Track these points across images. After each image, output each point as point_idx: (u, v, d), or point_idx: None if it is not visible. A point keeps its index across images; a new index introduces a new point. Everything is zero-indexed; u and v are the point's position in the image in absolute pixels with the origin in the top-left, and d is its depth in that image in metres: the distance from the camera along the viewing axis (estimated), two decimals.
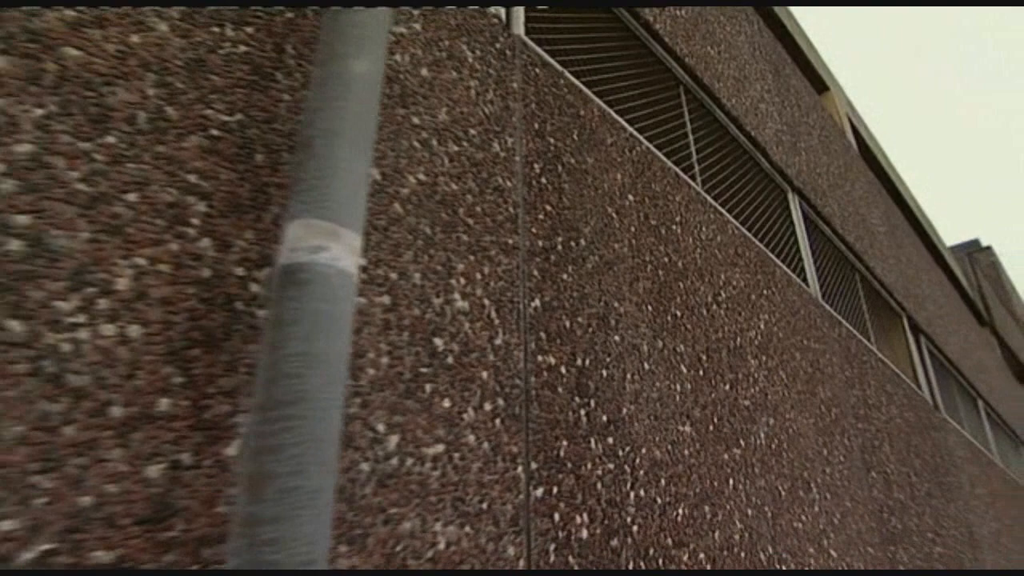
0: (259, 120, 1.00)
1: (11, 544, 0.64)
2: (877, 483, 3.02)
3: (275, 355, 0.71)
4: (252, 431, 0.69)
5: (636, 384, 1.62)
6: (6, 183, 0.73)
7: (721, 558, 1.69)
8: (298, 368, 0.71)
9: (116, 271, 0.78)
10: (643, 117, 2.35)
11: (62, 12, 0.83)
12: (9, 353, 0.68)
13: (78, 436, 0.70)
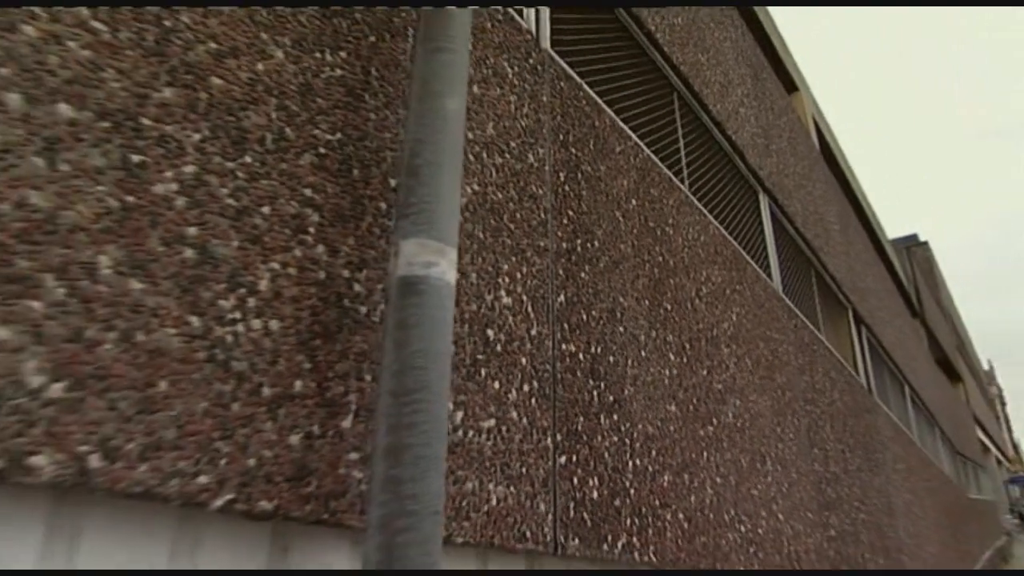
0: (354, 138, 1.15)
1: (206, 494, 0.81)
2: (818, 458, 3.42)
3: (402, 352, 0.90)
4: (387, 412, 0.88)
5: (635, 369, 1.86)
6: (179, 200, 0.87)
7: (695, 517, 1.98)
8: (422, 363, 0.89)
9: (258, 274, 0.94)
10: (644, 124, 2.55)
11: (208, 44, 0.96)
12: (192, 343, 0.84)
13: (242, 411, 0.87)
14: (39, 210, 0.74)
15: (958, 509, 9.61)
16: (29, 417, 0.68)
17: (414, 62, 1.13)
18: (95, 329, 0.75)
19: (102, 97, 0.82)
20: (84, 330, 0.74)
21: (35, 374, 0.70)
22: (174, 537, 0.84)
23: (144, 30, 0.88)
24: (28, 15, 0.77)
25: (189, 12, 0.94)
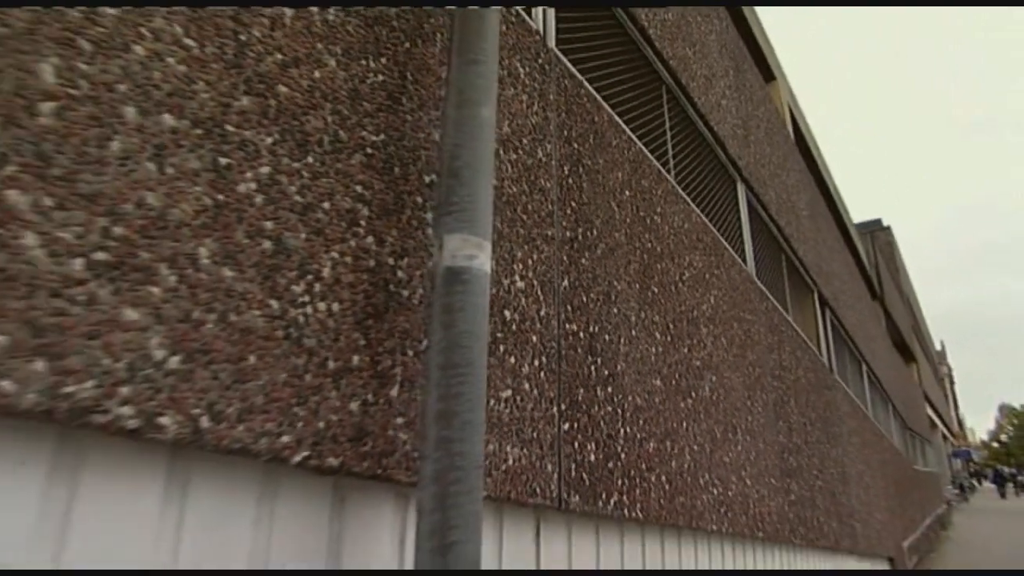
0: (394, 138, 1.28)
1: (288, 451, 0.96)
2: (783, 430, 3.70)
3: (449, 332, 1.05)
4: (437, 383, 1.03)
5: (626, 347, 2.05)
6: (258, 197, 1.00)
7: (675, 480, 2.20)
8: (467, 342, 1.04)
9: (322, 262, 1.07)
10: (636, 118, 2.70)
11: (275, 56, 1.07)
12: (273, 323, 0.98)
13: (313, 382, 1.02)
14: (153, 208, 0.86)
15: (905, 480, 10.27)
16: (155, 385, 0.82)
17: (449, 71, 1.26)
18: (199, 311, 0.88)
19: (195, 107, 0.94)
20: (191, 312, 0.88)
21: (158, 349, 0.83)
22: (259, 489, 0.99)
23: (224, 44, 0.99)
24: (136, 35, 0.88)
25: (259, 26, 1.05)
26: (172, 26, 0.93)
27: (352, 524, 1.12)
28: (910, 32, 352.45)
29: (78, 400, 0.75)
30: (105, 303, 0.79)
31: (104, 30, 0.84)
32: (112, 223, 0.81)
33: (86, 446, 0.81)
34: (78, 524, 0.79)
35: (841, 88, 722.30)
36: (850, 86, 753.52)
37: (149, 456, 0.87)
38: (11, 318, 0.71)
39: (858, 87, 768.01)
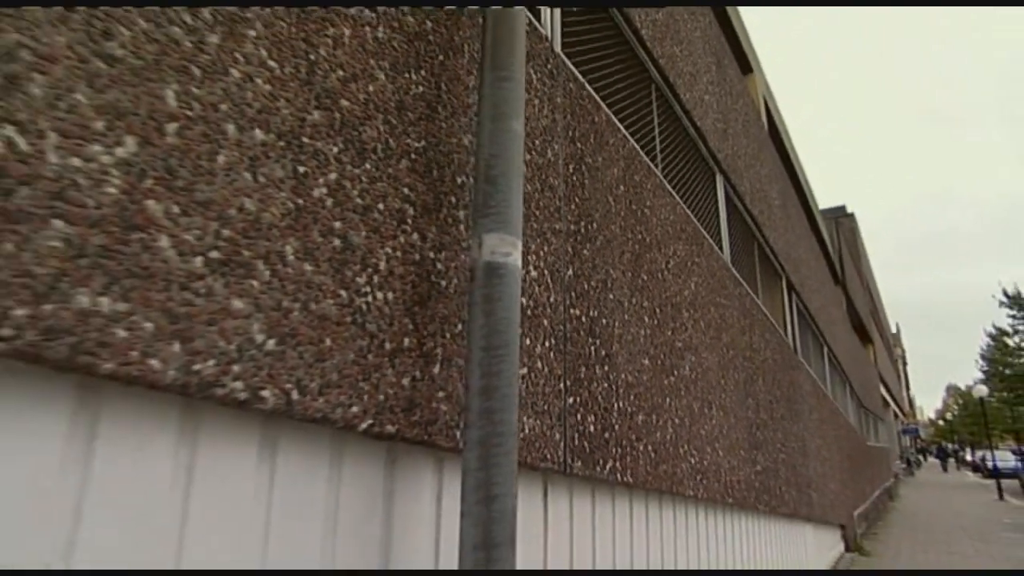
0: (432, 144, 1.43)
1: (356, 420, 1.12)
2: (751, 407, 4.00)
3: (490, 319, 1.22)
4: (480, 362, 1.21)
5: (620, 330, 2.25)
6: (328, 200, 1.14)
7: (660, 449, 2.44)
8: (504, 327, 1.22)
9: (379, 257, 1.23)
10: (629, 116, 2.87)
11: (338, 72, 1.21)
12: (343, 311, 1.13)
13: (374, 361, 1.18)
14: (251, 213, 1.00)
15: (858, 454, 10.93)
16: (258, 363, 0.97)
17: (482, 86, 1.41)
18: (287, 301, 1.04)
19: (279, 122, 1.07)
20: (282, 301, 1.03)
21: (259, 333, 0.98)
22: (330, 453, 1.16)
23: (299, 64, 1.13)
24: (232, 59, 1.01)
25: (324, 46, 1.19)
26: (259, 50, 1.06)
27: (400, 483, 1.30)
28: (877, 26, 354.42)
29: (204, 376, 0.90)
30: (219, 294, 0.94)
31: (209, 57, 0.98)
32: (221, 226, 0.95)
33: (202, 416, 0.97)
34: (199, 481, 0.95)
35: (810, 77, 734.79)
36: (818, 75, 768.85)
37: (246, 425, 1.03)
38: (154, 307, 0.85)
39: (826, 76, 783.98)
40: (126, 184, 0.84)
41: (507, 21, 1.43)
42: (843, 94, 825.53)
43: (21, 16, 0.77)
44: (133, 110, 0.87)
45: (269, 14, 1.08)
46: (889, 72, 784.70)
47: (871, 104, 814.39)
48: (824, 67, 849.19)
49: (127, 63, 0.87)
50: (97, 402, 0.85)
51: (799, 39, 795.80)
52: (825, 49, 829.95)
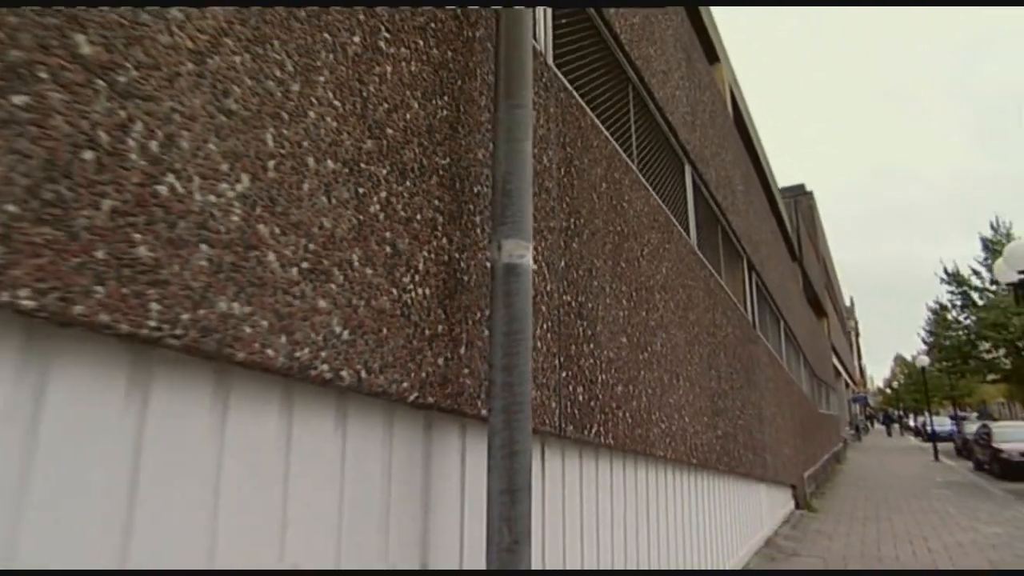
0: (455, 160, 1.68)
1: (406, 393, 1.40)
2: (714, 377, 4.40)
3: (510, 309, 1.50)
4: (502, 344, 1.49)
5: (603, 312, 2.56)
6: (381, 215, 1.39)
7: (635, 416, 2.78)
8: (521, 316, 1.50)
9: (419, 259, 1.49)
10: (608, 117, 3.14)
11: (384, 105, 1.44)
12: (394, 305, 1.40)
13: (418, 345, 1.45)
14: (327, 229, 1.25)
15: (810, 421, 11.71)
16: (338, 350, 1.24)
17: (497, 112, 1.66)
18: (355, 299, 1.30)
19: (343, 152, 1.32)
20: (352, 299, 1.29)
21: (337, 326, 1.24)
22: (383, 420, 1.44)
23: (356, 101, 1.36)
24: (308, 102, 1.24)
25: (372, 82, 1.42)
26: (327, 92, 1.29)
27: (436, 444, 1.59)
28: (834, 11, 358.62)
29: (302, 361, 1.16)
30: (309, 296, 1.19)
31: (293, 103, 1.21)
32: (308, 241, 1.20)
33: (294, 394, 1.23)
34: (295, 442, 1.22)
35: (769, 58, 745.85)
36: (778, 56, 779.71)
37: (325, 399, 1.29)
38: (267, 308, 1.10)
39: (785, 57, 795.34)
40: (244, 213, 1.08)
41: (518, 54, 1.68)
42: (802, 73, 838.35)
43: (170, 84, 0.99)
44: (245, 153, 1.10)
45: (332, 61, 1.32)
46: (846, 52, 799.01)
47: (828, 82, 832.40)
48: (783, 48, 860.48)
49: (240, 115, 1.10)
50: (229, 383, 1.11)
51: (758, 23, 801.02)
52: (784, 32, 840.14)
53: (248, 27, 1.13)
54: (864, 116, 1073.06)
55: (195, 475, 1.04)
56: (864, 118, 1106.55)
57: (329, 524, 1.28)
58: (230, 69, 1.09)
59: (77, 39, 0.88)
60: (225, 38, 1.09)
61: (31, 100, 0.82)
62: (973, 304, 16.76)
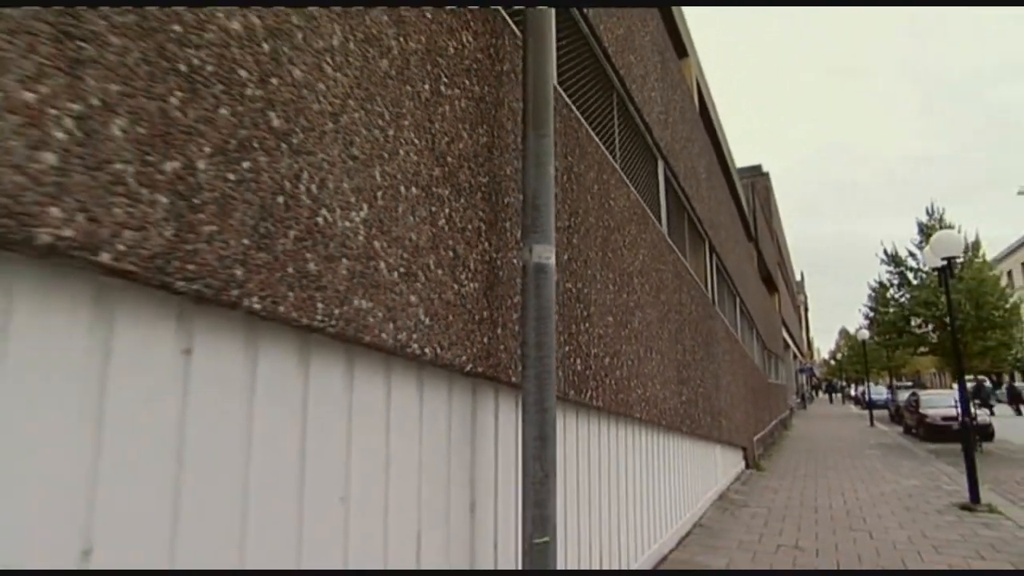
0: (492, 178, 2.07)
1: (464, 364, 1.82)
2: (679, 351, 4.96)
3: (539, 299, 1.93)
4: (534, 328, 1.92)
5: (595, 296, 3.02)
6: (446, 226, 1.79)
7: (619, 383, 3.28)
8: (547, 304, 1.93)
9: (470, 261, 1.90)
10: (597, 123, 3.55)
11: (445, 138, 1.83)
12: (456, 298, 1.81)
13: (470, 327, 1.87)
14: (414, 241, 1.64)
15: (761, 389, 12.65)
16: (423, 333, 1.64)
17: (526, 140, 2.05)
18: (432, 294, 1.70)
19: (421, 180, 1.70)
20: (430, 295, 1.69)
21: (423, 316, 1.65)
22: (446, 385, 1.86)
23: (427, 137, 1.74)
24: (399, 143, 1.62)
25: (438, 120, 1.80)
26: (410, 133, 1.67)
27: (479, 405, 2.02)
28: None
29: (402, 342, 1.57)
30: (404, 294, 1.59)
31: (391, 144, 1.59)
32: (402, 251, 1.60)
33: (393, 367, 1.64)
34: (394, 406, 1.63)
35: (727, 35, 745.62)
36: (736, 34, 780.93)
37: (409, 370, 1.71)
38: (381, 304, 1.50)
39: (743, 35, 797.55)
40: (365, 233, 1.47)
41: (543, 92, 2.07)
42: (756, 50, 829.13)
43: (320, 140, 1.37)
44: (364, 187, 1.48)
45: (412, 107, 1.69)
46: (801, 30, 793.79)
47: (781, 59, 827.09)
48: (739, 27, 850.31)
49: (360, 158, 1.48)
50: (353, 360, 1.51)
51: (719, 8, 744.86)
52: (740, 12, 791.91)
53: (362, 88, 1.50)
54: (816, 93, 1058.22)
55: (335, 431, 1.45)
56: (816, 95, 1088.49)
57: (413, 461, 1.71)
58: (352, 124, 1.47)
59: (270, 115, 1.25)
60: (349, 100, 1.46)
61: (251, 164, 1.19)
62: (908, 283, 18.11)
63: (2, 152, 0.83)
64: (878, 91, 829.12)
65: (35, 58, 0.88)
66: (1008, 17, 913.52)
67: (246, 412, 1.23)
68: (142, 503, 1.03)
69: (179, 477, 1.09)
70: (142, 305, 1.06)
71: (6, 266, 0.90)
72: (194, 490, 1.11)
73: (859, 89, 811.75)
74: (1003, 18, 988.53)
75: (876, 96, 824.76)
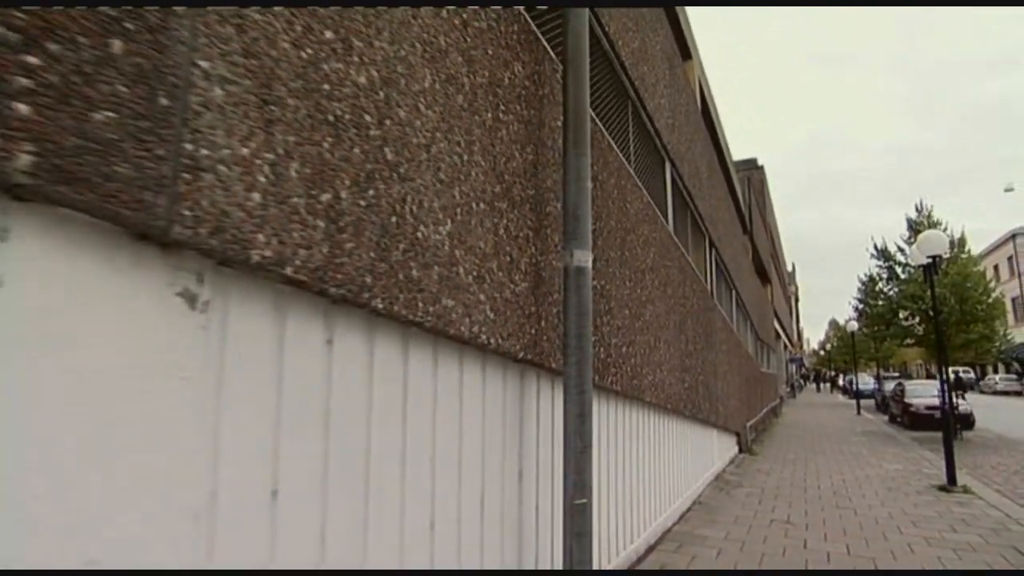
0: (537, 191, 2.38)
1: (517, 352, 2.14)
2: (683, 340, 5.30)
3: (579, 298, 2.25)
4: (575, 322, 2.24)
5: (615, 291, 3.34)
6: (504, 234, 2.10)
7: (633, 369, 3.61)
8: (586, 302, 2.25)
9: (521, 264, 2.21)
10: (615, 131, 3.85)
11: (503, 158, 2.13)
12: (512, 295, 2.12)
13: (523, 322, 2.19)
14: (483, 249, 1.95)
15: (754, 378, 13.08)
16: (489, 325, 1.96)
17: (567, 158, 2.35)
18: (495, 293, 2.01)
19: (487, 195, 2.01)
20: (494, 294, 2.00)
21: (489, 311, 1.96)
22: (502, 370, 2.18)
23: (490, 157, 2.05)
24: (471, 165, 1.92)
25: (498, 143, 2.10)
26: (478, 156, 1.97)
27: (526, 387, 2.35)
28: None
29: (475, 333, 1.88)
30: (476, 293, 1.90)
31: (465, 168, 1.89)
32: (475, 257, 1.91)
33: (465, 354, 1.95)
34: (466, 387, 1.95)
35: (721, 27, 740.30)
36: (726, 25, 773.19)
37: (476, 356, 2.02)
38: (461, 302, 1.82)
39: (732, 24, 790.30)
40: (449, 243, 1.78)
41: (581, 115, 2.37)
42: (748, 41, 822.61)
43: (418, 168, 1.67)
44: (448, 205, 1.79)
45: (479, 133, 1.99)
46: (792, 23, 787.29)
47: (775, 47, 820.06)
48: (733, 21, 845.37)
49: (445, 181, 1.78)
50: (437, 349, 1.82)
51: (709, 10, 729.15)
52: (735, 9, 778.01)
53: (445, 122, 1.81)
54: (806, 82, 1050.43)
55: (425, 405, 1.77)
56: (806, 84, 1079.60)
57: (477, 433, 2.03)
58: (439, 152, 1.77)
59: (386, 151, 1.55)
60: (436, 132, 1.76)
61: (374, 191, 1.50)
62: (897, 277, 18.60)
63: (231, 195, 1.14)
64: (867, 82, 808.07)
65: (248, 122, 1.18)
66: (996, 14, 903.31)
67: (367, 388, 1.54)
68: (306, 455, 1.35)
69: (327, 435, 1.41)
70: (302, 306, 1.37)
71: (226, 280, 1.20)
72: (338, 444, 1.43)
73: (847, 79, 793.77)
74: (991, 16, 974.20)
75: (866, 87, 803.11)
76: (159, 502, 1.04)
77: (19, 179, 0.84)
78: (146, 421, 1.02)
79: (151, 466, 1.03)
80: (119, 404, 0.98)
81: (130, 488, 0.99)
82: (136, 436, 1.01)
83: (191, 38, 1.08)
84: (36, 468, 0.87)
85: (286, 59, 1.27)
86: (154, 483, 1.03)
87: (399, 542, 1.62)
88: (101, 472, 0.95)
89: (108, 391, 0.97)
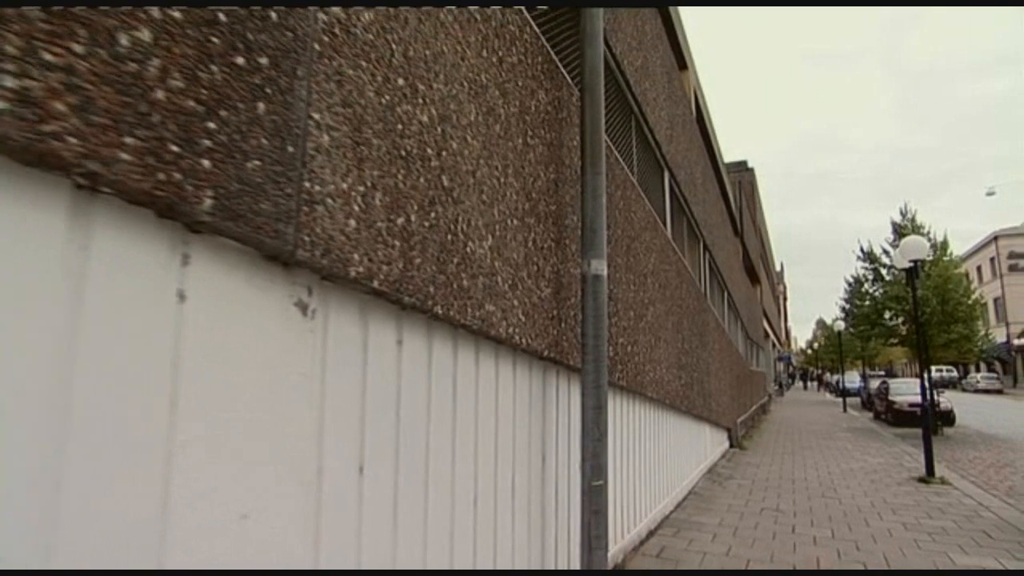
0: (559, 206, 2.65)
1: (541, 349, 2.41)
2: (679, 340, 5.60)
3: (595, 303, 2.52)
4: (592, 323, 2.51)
5: (621, 294, 3.62)
6: (532, 247, 2.37)
7: (637, 366, 3.90)
8: (601, 306, 2.52)
9: (545, 272, 2.48)
10: (620, 145, 4.12)
11: (531, 178, 2.39)
12: (538, 299, 2.39)
13: (545, 323, 2.46)
14: (515, 260, 2.22)
15: (743, 376, 13.46)
16: (518, 326, 2.23)
17: (584, 176, 2.62)
18: (525, 298, 2.28)
19: (519, 213, 2.27)
20: (524, 298, 2.27)
21: (520, 314, 2.23)
22: (529, 366, 2.45)
23: (521, 179, 2.31)
24: (506, 186, 2.19)
25: (527, 164, 2.36)
26: (511, 178, 2.24)
27: (548, 382, 2.62)
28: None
29: (509, 333, 2.15)
30: (511, 299, 2.17)
31: (502, 189, 2.15)
32: (510, 268, 2.17)
33: (500, 352, 2.22)
34: (501, 381, 2.21)
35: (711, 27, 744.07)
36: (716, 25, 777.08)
37: (510, 353, 2.29)
38: (499, 307, 2.08)
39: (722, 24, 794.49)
40: (491, 256, 2.05)
41: (597, 137, 2.64)
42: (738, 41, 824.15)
43: (467, 191, 1.93)
44: (490, 223, 2.05)
45: (512, 156, 2.25)
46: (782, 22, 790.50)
47: (763, 45, 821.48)
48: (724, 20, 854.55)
49: (487, 202, 2.04)
50: (479, 347, 2.09)
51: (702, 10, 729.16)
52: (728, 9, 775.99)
53: (486, 149, 2.07)
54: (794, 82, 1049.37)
55: (469, 397, 2.03)
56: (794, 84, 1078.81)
57: (509, 421, 2.30)
58: (483, 177, 2.03)
59: (443, 178, 1.81)
60: (480, 159, 2.03)
61: (435, 213, 1.76)
62: (882, 278, 19.09)
63: (335, 222, 1.39)
64: (860, 82, 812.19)
65: (346, 161, 1.43)
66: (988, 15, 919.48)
67: (427, 382, 1.81)
68: (382, 439, 1.61)
69: (398, 422, 1.67)
70: (380, 312, 1.63)
71: (327, 291, 1.46)
72: (405, 429, 1.69)
73: (841, 79, 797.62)
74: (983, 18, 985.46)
75: (858, 87, 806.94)
76: (285, 475, 1.30)
77: (203, 218, 1.10)
78: (276, 409, 1.28)
79: (279, 446, 1.29)
80: (261, 393, 1.24)
81: (268, 463, 1.25)
82: (271, 422, 1.26)
83: (307, 95, 1.34)
84: (202, 440, 1.13)
85: (371, 105, 1.52)
86: (280, 460, 1.29)
87: (451, 514, 1.89)
88: (255, 450, 1.21)
89: (253, 383, 1.22)
